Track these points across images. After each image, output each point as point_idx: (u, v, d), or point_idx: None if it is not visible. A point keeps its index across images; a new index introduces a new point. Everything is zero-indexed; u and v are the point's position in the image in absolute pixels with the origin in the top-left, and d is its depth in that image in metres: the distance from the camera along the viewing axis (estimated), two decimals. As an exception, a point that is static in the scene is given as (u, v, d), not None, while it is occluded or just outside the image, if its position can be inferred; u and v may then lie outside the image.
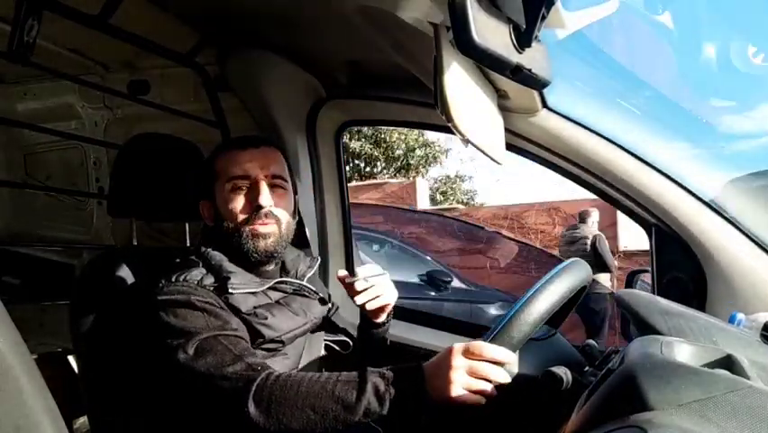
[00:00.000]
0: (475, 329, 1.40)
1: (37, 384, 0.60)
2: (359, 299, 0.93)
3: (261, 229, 0.92)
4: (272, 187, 0.94)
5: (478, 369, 0.70)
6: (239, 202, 0.92)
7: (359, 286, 0.91)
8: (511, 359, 0.72)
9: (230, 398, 0.74)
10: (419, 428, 0.76)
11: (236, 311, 0.87)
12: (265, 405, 0.72)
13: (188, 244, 1.24)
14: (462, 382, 0.70)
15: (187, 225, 1.23)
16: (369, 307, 0.96)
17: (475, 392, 0.70)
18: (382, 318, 1.02)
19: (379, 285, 0.93)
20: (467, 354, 0.71)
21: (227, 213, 0.93)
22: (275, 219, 0.94)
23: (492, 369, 0.71)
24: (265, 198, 0.92)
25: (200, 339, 0.79)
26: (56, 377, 1.11)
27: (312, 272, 1.07)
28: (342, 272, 0.94)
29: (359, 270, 0.92)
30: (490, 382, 0.71)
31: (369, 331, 1.03)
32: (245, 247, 0.92)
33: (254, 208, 0.92)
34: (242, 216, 0.92)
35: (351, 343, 1.10)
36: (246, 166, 0.93)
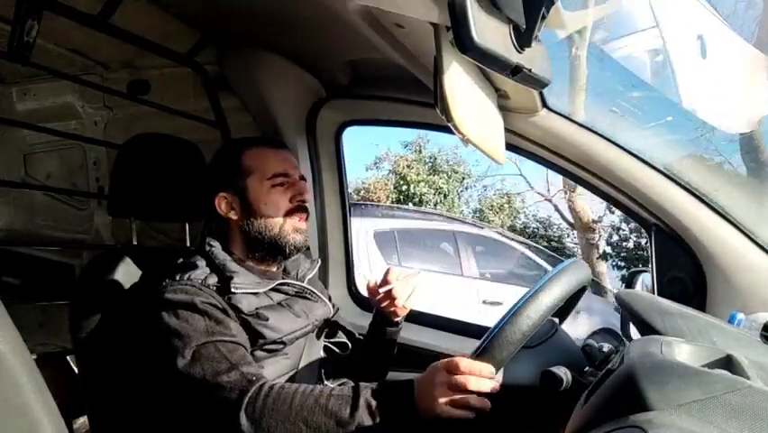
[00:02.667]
0: (478, 330, 1.40)
1: (37, 384, 0.60)
2: (399, 301, 0.95)
3: (300, 224, 0.97)
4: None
5: (459, 383, 0.71)
6: (282, 198, 0.95)
7: (399, 290, 0.94)
8: (489, 372, 0.72)
9: (223, 408, 0.75)
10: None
11: (238, 311, 0.88)
12: (257, 418, 0.72)
13: (188, 244, 1.24)
14: (446, 398, 0.71)
15: (187, 225, 1.23)
16: (408, 305, 0.97)
17: (460, 406, 0.71)
18: (402, 316, 1.03)
19: (410, 284, 0.96)
20: (449, 370, 0.73)
21: (267, 207, 0.95)
22: (307, 215, 0.98)
23: (474, 382, 0.71)
24: (307, 194, 0.97)
25: (198, 344, 0.79)
26: (56, 377, 1.12)
27: (313, 274, 1.07)
28: (372, 284, 0.96)
29: (390, 276, 0.94)
30: (475, 393, 0.72)
31: (384, 330, 1.04)
32: (284, 240, 0.95)
33: (297, 203, 0.96)
34: (283, 211, 0.95)
35: (349, 344, 1.10)
36: (285, 165, 0.97)
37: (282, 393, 0.74)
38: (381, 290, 0.94)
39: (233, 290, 0.88)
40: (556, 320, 1.00)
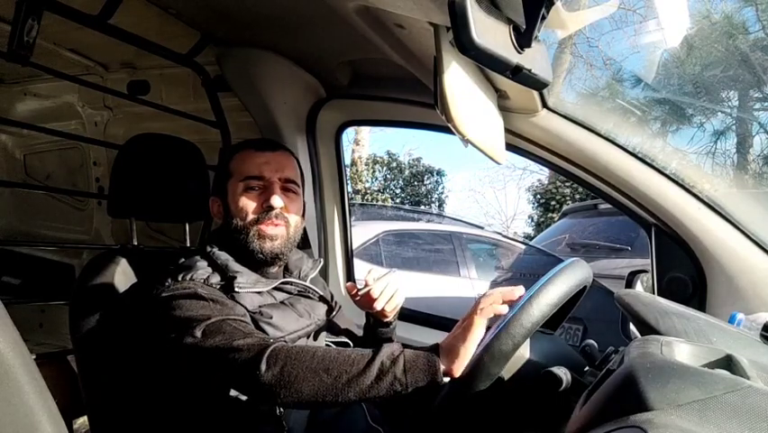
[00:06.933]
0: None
1: (37, 384, 0.60)
2: (378, 304, 0.93)
3: (270, 230, 0.93)
4: (284, 190, 0.96)
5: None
6: (250, 201, 0.93)
7: (376, 291, 0.92)
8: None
9: (242, 365, 0.73)
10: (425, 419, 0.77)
11: None
12: (279, 366, 0.70)
13: (188, 244, 1.24)
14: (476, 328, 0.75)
15: (186, 226, 1.23)
16: (388, 308, 0.96)
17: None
18: (392, 316, 1.02)
19: (391, 284, 0.94)
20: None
21: (237, 211, 0.94)
22: (284, 222, 0.95)
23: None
24: (277, 199, 0.93)
25: (208, 323, 0.78)
26: (56, 377, 1.11)
27: (315, 273, 1.07)
28: (350, 285, 0.94)
29: (368, 276, 0.92)
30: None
31: (377, 331, 1.03)
32: (251, 246, 0.92)
33: (265, 209, 0.93)
34: (251, 216, 0.93)
35: (351, 344, 1.10)
36: (262, 167, 0.95)
37: (306, 347, 0.74)
38: (360, 293, 0.93)
39: (236, 289, 0.88)
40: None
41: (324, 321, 1.03)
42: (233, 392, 0.85)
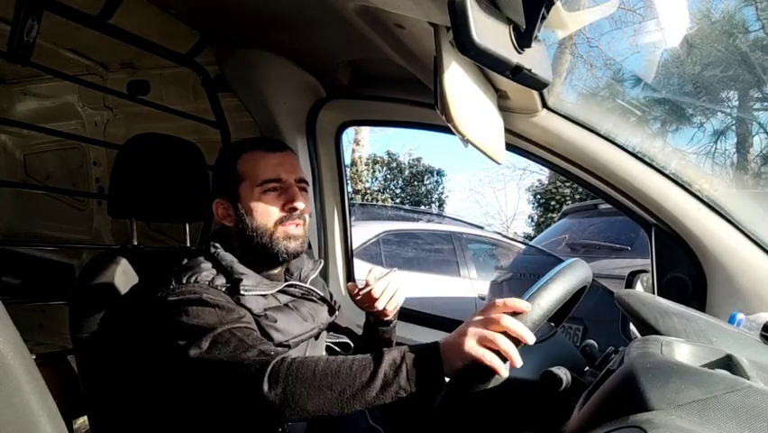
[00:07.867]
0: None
1: (37, 384, 0.60)
2: (380, 304, 0.94)
3: (294, 231, 0.95)
4: (299, 190, 0.97)
5: (492, 319, 0.69)
6: (272, 204, 0.94)
7: (377, 291, 0.92)
8: (527, 336, 0.68)
9: (244, 383, 0.73)
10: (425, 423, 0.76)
11: (247, 312, 0.87)
12: (281, 386, 0.70)
13: (188, 244, 1.24)
14: (474, 336, 0.69)
15: (186, 226, 1.23)
16: (389, 307, 0.96)
17: (488, 347, 0.68)
18: (393, 316, 1.02)
19: (392, 283, 0.94)
20: (483, 311, 0.71)
21: (258, 214, 0.93)
22: (303, 222, 0.96)
23: (508, 319, 0.68)
24: (299, 201, 0.94)
25: (214, 334, 0.78)
26: (56, 377, 1.12)
27: (315, 274, 1.07)
28: (351, 285, 0.95)
29: (369, 276, 0.93)
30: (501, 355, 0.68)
31: (377, 330, 1.03)
32: (276, 248, 0.93)
33: (288, 211, 0.94)
34: (274, 218, 0.94)
35: (352, 345, 1.10)
36: (277, 169, 0.95)
37: (306, 362, 0.72)
38: (362, 292, 0.93)
39: (242, 291, 0.88)
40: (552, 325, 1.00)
41: (327, 324, 1.03)
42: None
